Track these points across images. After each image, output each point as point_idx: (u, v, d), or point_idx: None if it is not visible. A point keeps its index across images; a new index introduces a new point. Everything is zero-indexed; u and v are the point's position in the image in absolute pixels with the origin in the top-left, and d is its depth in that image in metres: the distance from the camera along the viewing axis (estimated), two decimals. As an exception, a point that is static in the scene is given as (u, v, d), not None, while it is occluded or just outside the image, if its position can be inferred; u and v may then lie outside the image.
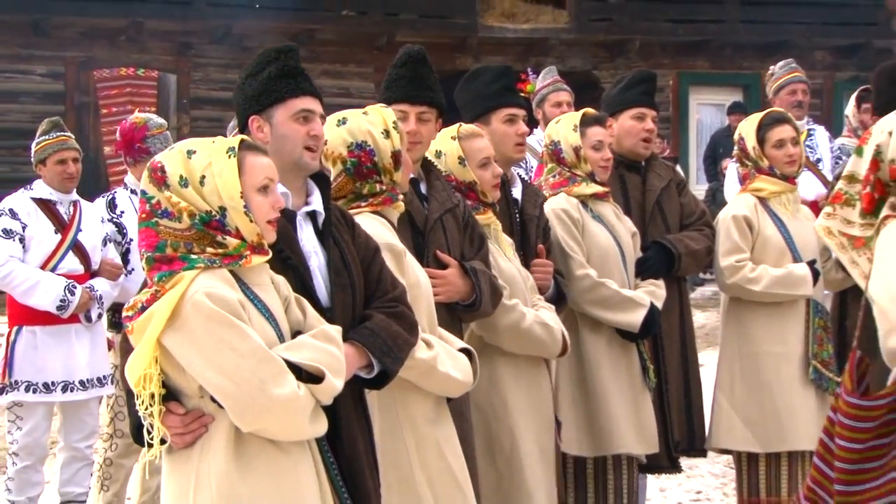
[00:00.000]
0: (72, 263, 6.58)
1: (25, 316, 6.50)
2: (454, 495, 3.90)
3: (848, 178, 3.80)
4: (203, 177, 3.33)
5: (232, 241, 3.32)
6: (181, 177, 3.33)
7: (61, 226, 6.62)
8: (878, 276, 3.61)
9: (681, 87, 20.72)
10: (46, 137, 6.67)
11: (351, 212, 3.92)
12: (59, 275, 6.50)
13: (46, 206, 6.63)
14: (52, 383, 6.52)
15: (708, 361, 9.58)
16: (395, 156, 4.08)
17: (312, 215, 3.72)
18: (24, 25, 17.52)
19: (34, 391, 6.50)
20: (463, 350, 4.05)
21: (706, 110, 20.81)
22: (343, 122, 4.14)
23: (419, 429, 3.93)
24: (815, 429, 5.59)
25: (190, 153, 3.37)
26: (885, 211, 3.71)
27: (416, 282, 3.97)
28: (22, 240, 6.51)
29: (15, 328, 6.52)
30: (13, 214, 6.53)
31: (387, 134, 4.08)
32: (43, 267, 6.52)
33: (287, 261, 3.56)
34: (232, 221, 3.33)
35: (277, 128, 3.72)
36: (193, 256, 3.29)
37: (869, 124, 5.95)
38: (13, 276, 6.42)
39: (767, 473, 5.66)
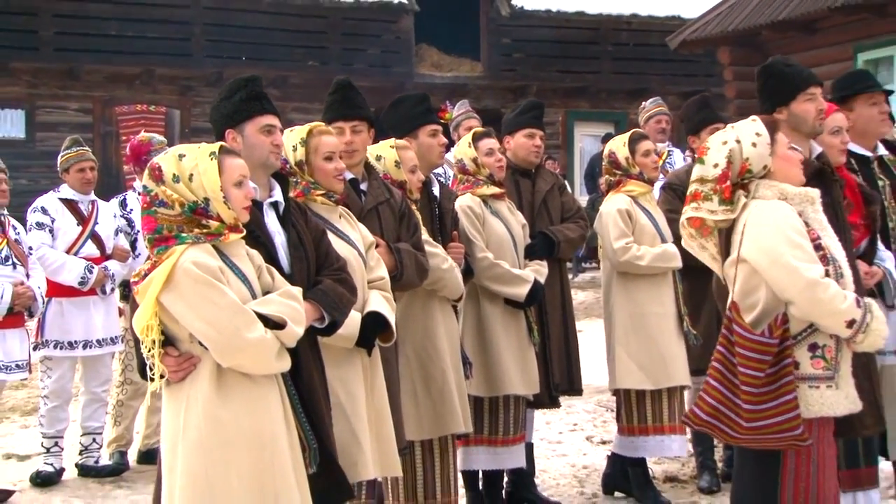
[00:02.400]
0: (90, 249, 6.53)
1: (54, 289, 6.42)
2: (342, 421, 3.83)
3: (699, 181, 3.80)
4: (191, 175, 3.34)
5: (213, 224, 3.33)
6: (174, 174, 3.34)
7: (82, 220, 6.57)
8: (750, 242, 3.64)
9: (567, 122, 20.86)
10: (68, 151, 6.69)
11: None
12: (80, 258, 6.45)
13: (70, 204, 6.57)
14: (75, 342, 6.47)
15: (585, 328, 9.64)
16: (299, 164, 4.06)
17: (275, 205, 3.73)
18: (61, 72, 17.48)
19: (61, 348, 6.45)
20: (371, 313, 3.96)
21: (587, 139, 20.86)
22: None
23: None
24: (686, 369, 5.69)
25: (181, 156, 3.37)
26: (741, 199, 3.73)
27: None
28: (51, 230, 6.47)
29: (46, 299, 6.41)
30: (44, 211, 6.51)
31: (295, 148, 4.07)
32: (67, 251, 6.47)
33: (258, 239, 3.56)
34: (214, 209, 3.33)
35: (248, 139, 3.73)
36: (184, 235, 3.30)
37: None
38: (45, 258, 6.37)
39: (653, 406, 5.66)
